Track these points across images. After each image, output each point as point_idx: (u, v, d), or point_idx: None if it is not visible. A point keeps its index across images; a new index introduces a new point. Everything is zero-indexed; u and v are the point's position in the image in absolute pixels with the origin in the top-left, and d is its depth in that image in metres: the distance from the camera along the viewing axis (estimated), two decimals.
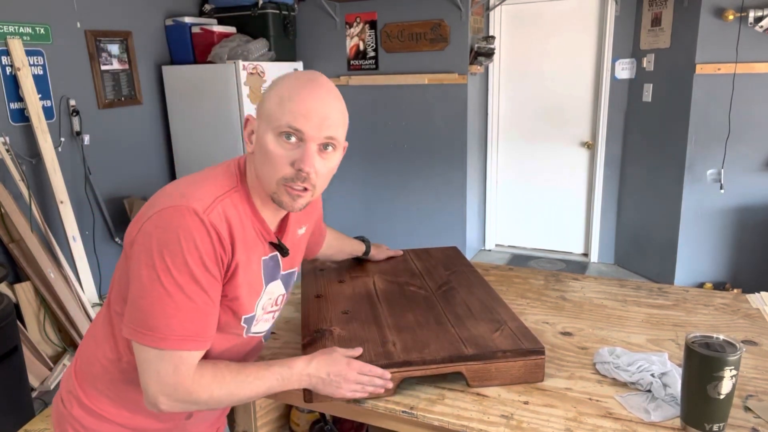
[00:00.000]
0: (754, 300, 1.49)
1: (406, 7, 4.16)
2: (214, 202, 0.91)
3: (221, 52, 3.70)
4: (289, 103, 0.91)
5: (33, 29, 3.10)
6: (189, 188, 0.92)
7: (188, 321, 0.89)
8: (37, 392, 2.75)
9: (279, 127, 0.91)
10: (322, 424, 1.51)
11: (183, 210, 0.88)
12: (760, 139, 3.44)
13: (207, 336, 0.93)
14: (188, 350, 0.90)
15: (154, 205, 0.91)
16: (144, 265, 0.88)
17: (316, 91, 0.93)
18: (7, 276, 2.66)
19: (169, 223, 0.87)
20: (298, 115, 0.91)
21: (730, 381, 0.92)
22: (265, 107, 0.94)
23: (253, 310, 1.02)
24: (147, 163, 3.94)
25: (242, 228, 0.95)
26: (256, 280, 1.01)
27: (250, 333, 1.05)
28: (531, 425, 0.99)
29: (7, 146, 2.93)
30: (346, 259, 1.61)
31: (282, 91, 0.93)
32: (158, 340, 0.88)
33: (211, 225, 0.89)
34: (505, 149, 4.63)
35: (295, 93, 0.92)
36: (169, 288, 0.87)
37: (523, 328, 1.19)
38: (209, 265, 0.89)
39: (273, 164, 0.93)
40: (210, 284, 0.90)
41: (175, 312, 0.88)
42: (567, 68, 4.27)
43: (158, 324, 0.88)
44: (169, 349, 0.88)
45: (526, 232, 4.73)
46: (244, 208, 0.97)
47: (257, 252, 1.00)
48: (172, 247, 0.86)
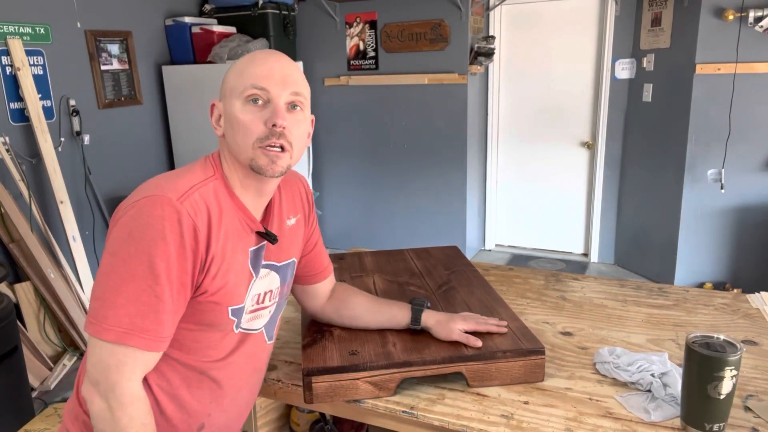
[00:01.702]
0: (754, 300, 1.49)
1: (406, 7, 4.16)
2: (191, 189, 0.90)
3: (221, 52, 3.70)
4: (249, 68, 0.94)
5: (33, 29, 3.10)
6: (166, 180, 0.91)
7: (137, 315, 0.84)
8: (37, 392, 2.75)
9: (243, 91, 0.93)
10: (322, 424, 1.51)
11: (156, 199, 0.86)
12: (760, 139, 3.44)
13: (157, 335, 0.86)
14: (133, 347, 0.85)
15: (131, 197, 0.90)
16: (107, 253, 0.86)
17: (273, 56, 0.97)
18: (7, 276, 2.66)
19: (139, 212, 0.86)
20: (260, 77, 0.93)
21: (731, 381, 0.92)
22: (226, 84, 0.96)
23: (242, 302, 0.99)
24: (147, 163, 3.94)
25: (222, 216, 0.93)
26: (243, 270, 0.98)
27: (242, 328, 1.02)
28: (531, 425, 0.99)
29: (7, 146, 2.93)
30: (347, 258, 1.59)
31: (239, 65, 0.96)
32: (103, 330, 0.84)
33: (186, 213, 0.86)
34: (505, 149, 4.63)
35: (252, 61, 0.95)
36: (125, 277, 0.83)
37: (524, 328, 1.19)
38: (175, 258, 0.85)
39: (245, 129, 0.93)
40: (171, 280, 0.86)
41: (126, 303, 0.84)
42: (567, 68, 4.27)
43: (106, 313, 0.84)
44: (111, 341, 0.84)
45: (526, 232, 4.73)
46: (224, 196, 0.95)
47: (242, 242, 0.97)
48: (137, 236, 0.84)
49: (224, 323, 0.98)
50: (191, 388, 0.98)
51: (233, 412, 1.07)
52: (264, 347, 1.09)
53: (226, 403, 1.03)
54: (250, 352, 1.05)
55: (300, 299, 1.26)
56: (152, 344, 0.87)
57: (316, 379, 1.07)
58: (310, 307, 1.26)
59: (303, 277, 1.21)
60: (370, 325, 1.21)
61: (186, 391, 0.98)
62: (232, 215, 0.95)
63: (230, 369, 1.02)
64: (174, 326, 0.91)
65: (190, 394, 0.98)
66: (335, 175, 4.74)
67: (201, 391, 0.99)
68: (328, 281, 1.25)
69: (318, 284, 1.23)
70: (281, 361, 1.25)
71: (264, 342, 1.09)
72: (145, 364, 0.89)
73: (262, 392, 1.23)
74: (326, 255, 1.25)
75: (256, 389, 1.13)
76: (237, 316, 0.99)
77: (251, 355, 1.05)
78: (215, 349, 0.99)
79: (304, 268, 1.20)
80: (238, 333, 1.01)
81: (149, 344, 0.86)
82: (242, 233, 0.97)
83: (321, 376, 1.07)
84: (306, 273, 1.20)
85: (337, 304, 1.24)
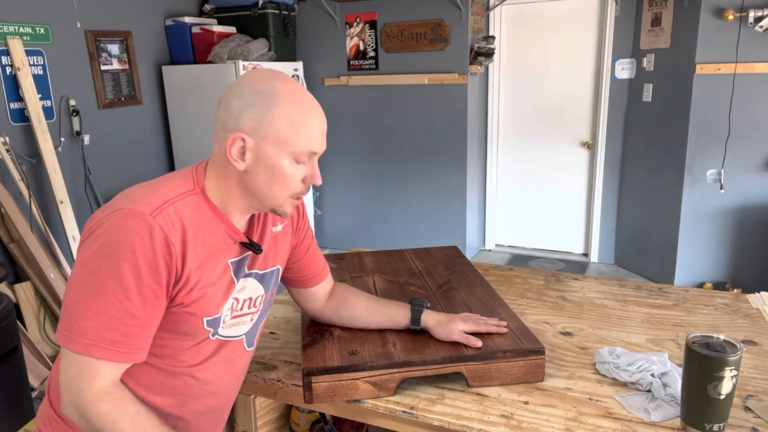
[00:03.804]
0: (754, 300, 1.49)
1: (406, 7, 4.16)
2: (165, 204, 0.89)
3: (221, 52, 3.70)
4: (306, 129, 0.93)
5: (33, 29, 3.10)
6: (141, 192, 0.91)
7: (105, 328, 0.85)
8: (37, 392, 2.75)
9: (299, 153, 0.93)
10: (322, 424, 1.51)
11: (129, 213, 0.86)
12: (760, 139, 3.44)
13: (126, 347, 0.87)
14: (98, 358, 0.85)
15: (105, 209, 0.89)
16: (79, 264, 0.86)
17: (318, 110, 0.96)
18: (7, 276, 2.66)
19: (111, 225, 0.85)
20: (314, 141, 0.95)
21: (731, 381, 0.92)
22: (274, 130, 0.91)
23: (218, 312, 0.98)
24: (147, 163, 3.94)
25: (202, 230, 0.93)
26: (222, 281, 0.97)
27: (221, 335, 1.01)
28: (531, 425, 0.99)
29: (7, 146, 2.93)
30: (347, 258, 1.59)
31: (292, 116, 0.92)
32: (69, 341, 0.85)
33: (158, 227, 0.86)
34: (505, 149, 4.63)
35: (306, 117, 0.93)
36: (94, 290, 0.84)
37: (523, 328, 1.19)
38: (146, 272, 0.85)
39: (287, 183, 0.95)
40: (142, 293, 0.86)
41: (94, 316, 0.84)
42: (567, 68, 4.27)
43: (74, 324, 0.85)
44: (78, 352, 0.85)
45: (526, 232, 4.73)
46: (204, 210, 0.94)
47: (224, 254, 0.97)
48: (108, 249, 0.84)
49: (199, 333, 0.98)
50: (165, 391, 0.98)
51: (208, 417, 1.07)
52: (243, 354, 1.09)
53: (198, 407, 1.03)
54: (227, 359, 1.04)
55: (298, 302, 1.26)
56: (121, 356, 0.87)
57: (316, 379, 1.07)
58: (309, 308, 1.26)
59: (299, 281, 1.21)
60: (369, 326, 1.21)
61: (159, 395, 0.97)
62: (213, 228, 0.95)
63: (205, 374, 1.01)
64: (150, 336, 0.91)
65: (162, 398, 0.98)
66: (335, 175, 4.73)
67: (174, 396, 0.99)
68: (325, 283, 1.25)
69: (314, 287, 1.23)
70: (281, 361, 1.25)
71: (243, 349, 1.08)
72: (114, 373, 0.89)
73: (262, 392, 1.23)
74: (322, 258, 1.25)
75: (234, 395, 1.12)
76: (213, 326, 0.99)
77: (229, 361, 1.05)
78: (190, 355, 0.98)
79: (299, 273, 1.19)
80: (215, 340, 1.01)
81: (117, 356, 0.87)
82: (223, 245, 0.97)
83: (321, 376, 1.07)
84: (301, 277, 1.20)
85: (336, 304, 1.24)
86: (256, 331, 1.11)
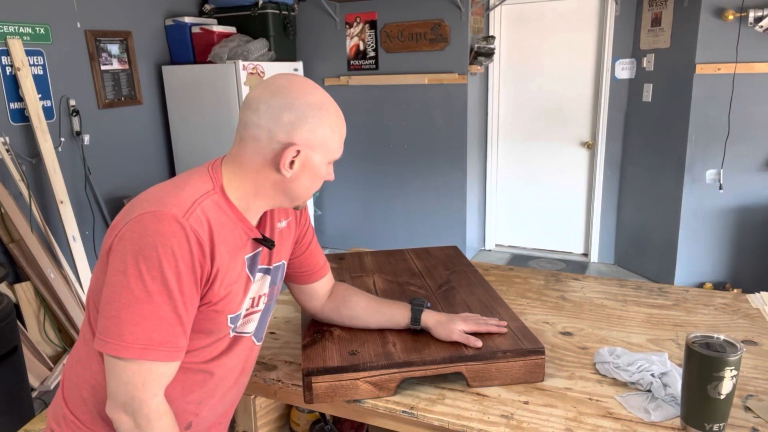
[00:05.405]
0: (754, 300, 1.49)
1: (406, 7, 4.16)
2: (193, 204, 0.90)
3: (221, 52, 3.71)
4: (341, 136, 1.02)
5: (33, 29, 3.10)
6: (166, 193, 0.91)
7: (154, 330, 0.86)
8: (37, 392, 2.75)
9: (334, 158, 1.02)
10: (322, 424, 1.51)
11: (161, 215, 0.86)
12: (759, 139, 3.44)
13: (175, 347, 0.89)
14: (153, 360, 0.87)
15: (131, 211, 0.89)
16: (116, 271, 0.86)
17: (342, 117, 1.03)
18: (7, 276, 2.66)
19: (146, 228, 0.86)
20: (342, 145, 1.03)
21: (731, 381, 0.92)
22: (325, 141, 0.98)
23: (240, 309, 1.01)
24: (147, 163, 3.94)
25: (223, 229, 0.94)
26: (242, 278, 0.99)
27: (237, 332, 1.04)
28: (531, 425, 0.99)
29: (7, 146, 2.93)
30: (347, 258, 1.60)
31: (333, 123, 0.99)
32: (122, 349, 0.85)
33: (191, 229, 0.87)
34: (505, 149, 4.63)
35: (341, 124, 1.01)
36: (138, 295, 0.85)
37: (524, 328, 1.19)
38: (185, 273, 0.87)
39: (318, 184, 1.02)
40: (183, 294, 0.88)
41: (142, 320, 0.85)
42: (567, 68, 4.27)
43: (123, 332, 0.85)
44: (132, 358, 0.86)
45: (526, 232, 4.73)
46: (224, 209, 0.95)
47: (241, 251, 0.99)
48: (147, 253, 0.85)
49: (222, 330, 1.00)
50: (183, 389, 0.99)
51: (220, 411, 1.08)
52: (253, 348, 1.11)
53: (213, 402, 1.04)
54: (239, 354, 1.06)
55: (299, 300, 1.26)
56: (171, 355, 0.89)
57: (316, 379, 1.07)
58: (309, 307, 1.26)
59: (299, 276, 1.22)
60: (370, 325, 1.22)
61: (176, 392, 0.98)
62: (231, 227, 0.96)
63: (220, 370, 1.03)
64: (188, 336, 0.92)
65: (180, 395, 0.99)
66: (335, 175, 4.73)
67: (191, 392, 1.00)
68: (325, 281, 1.25)
69: (315, 283, 1.23)
70: (281, 361, 1.25)
71: (253, 343, 1.10)
72: (167, 376, 0.91)
73: (262, 392, 1.23)
74: (322, 254, 1.25)
75: (243, 389, 1.14)
76: (234, 322, 1.01)
77: (240, 356, 1.07)
78: (208, 352, 1.00)
79: (300, 268, 1.20)
80: (231, 336, 1.03)
81: (168, 356, 0.89)
82: (240, 242, 0.98)
83: (321, 376, 1.07)
84: (301, 272, 1.21)
85: (336, 303, 1.24)
86: (264, 326, 1.13)
